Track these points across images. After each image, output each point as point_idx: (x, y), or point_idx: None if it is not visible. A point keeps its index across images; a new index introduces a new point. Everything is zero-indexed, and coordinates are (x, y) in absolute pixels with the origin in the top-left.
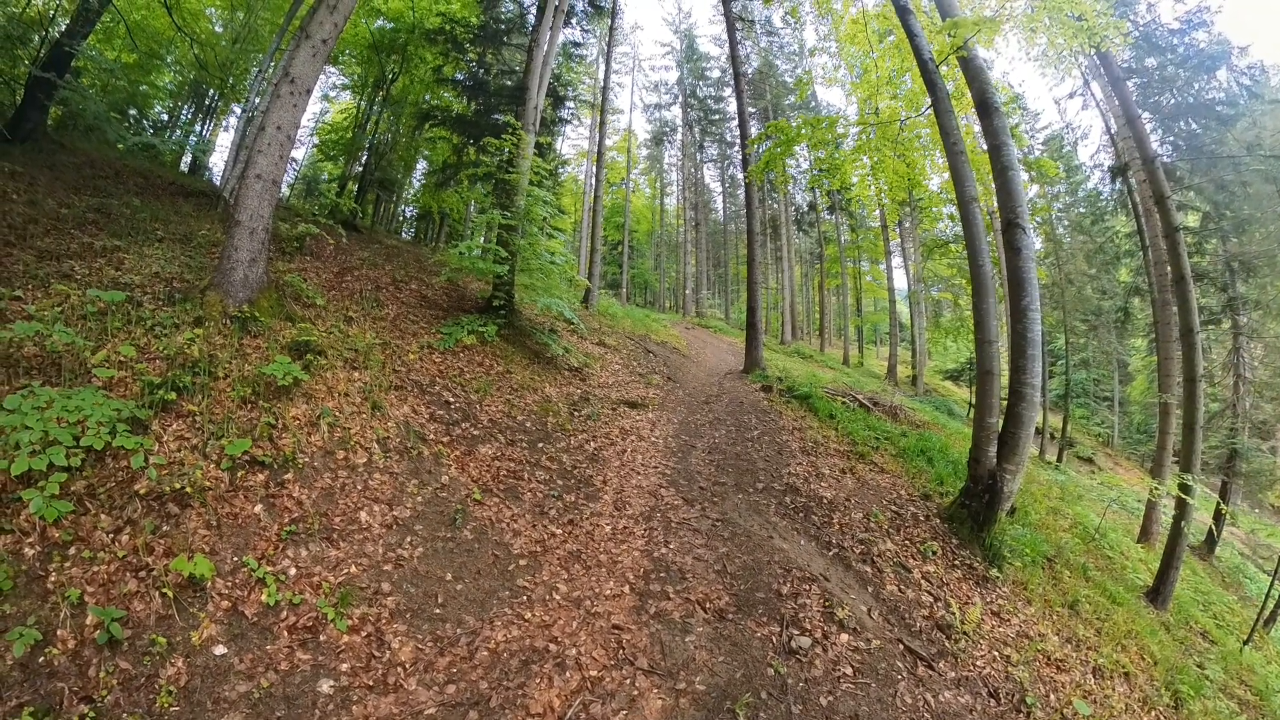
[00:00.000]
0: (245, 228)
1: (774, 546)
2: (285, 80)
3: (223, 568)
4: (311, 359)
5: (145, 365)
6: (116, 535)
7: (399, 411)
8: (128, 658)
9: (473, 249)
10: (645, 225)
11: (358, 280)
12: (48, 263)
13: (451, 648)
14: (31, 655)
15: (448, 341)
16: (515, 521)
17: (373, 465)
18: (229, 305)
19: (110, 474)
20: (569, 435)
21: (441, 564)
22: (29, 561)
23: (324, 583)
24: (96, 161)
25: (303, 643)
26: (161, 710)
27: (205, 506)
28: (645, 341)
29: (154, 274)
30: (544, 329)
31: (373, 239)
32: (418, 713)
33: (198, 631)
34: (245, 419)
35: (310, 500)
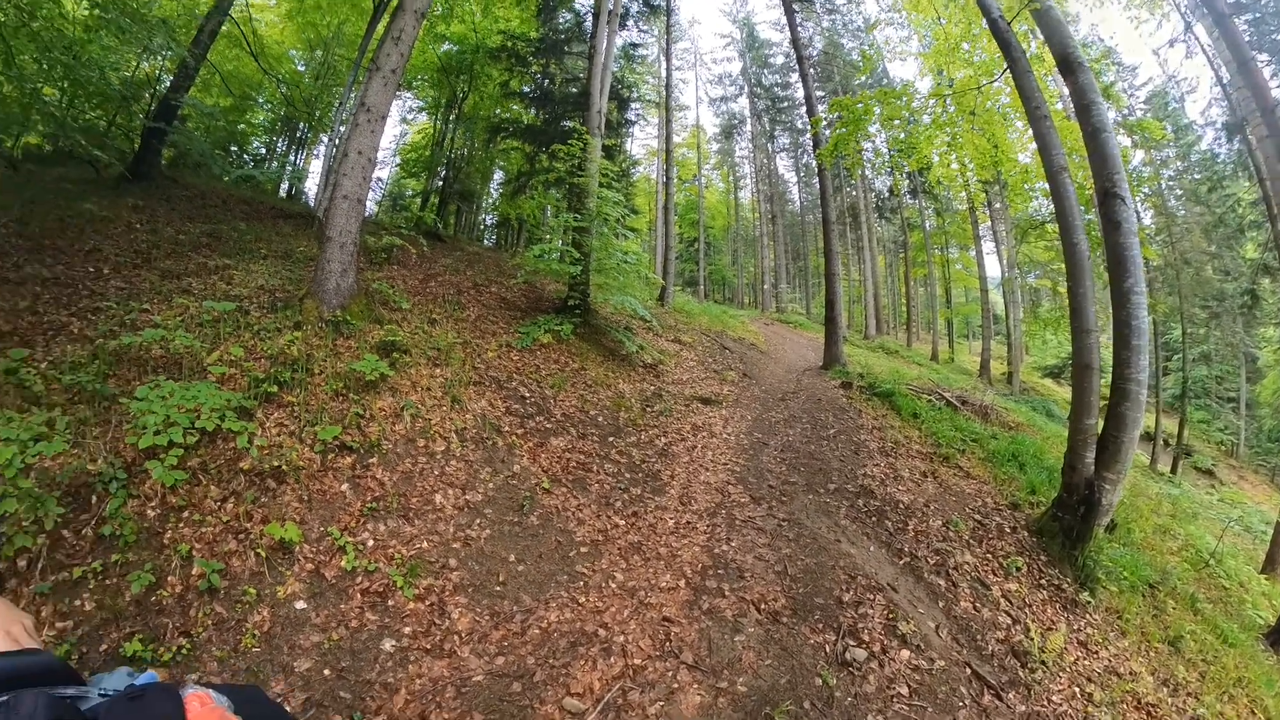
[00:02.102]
0: (336, 242)
1: (840, 551)
2: (362, 109)
3: (310, 535)
4: (397, 357)
5: (252, 363)
6: (222, 503)
7: (477, 405)
8: (223, 604)
9: (548, 251)
10: (720, 220)
11: (441, 285)
12: (170, 280)
13: (506, 623)
14: (145, 595)
15: (525, 340)
16: (580, 511)
17: (450, 453)
18: (324, 311)
19: (220, 452)
20: (640, 430)
21: (506, 546)
22: (150, 520)
23: (397, 555)
24: (206, 193)
25: (372, 605)
26: (245, 649)
27: (299, 483)
28: (721, 338)
29: (259, 286)
30: (619, 326)
31: (455, 247)
32: (466, 678)
33: (283, 587)
34: (337, 409)
35: (391, 482)
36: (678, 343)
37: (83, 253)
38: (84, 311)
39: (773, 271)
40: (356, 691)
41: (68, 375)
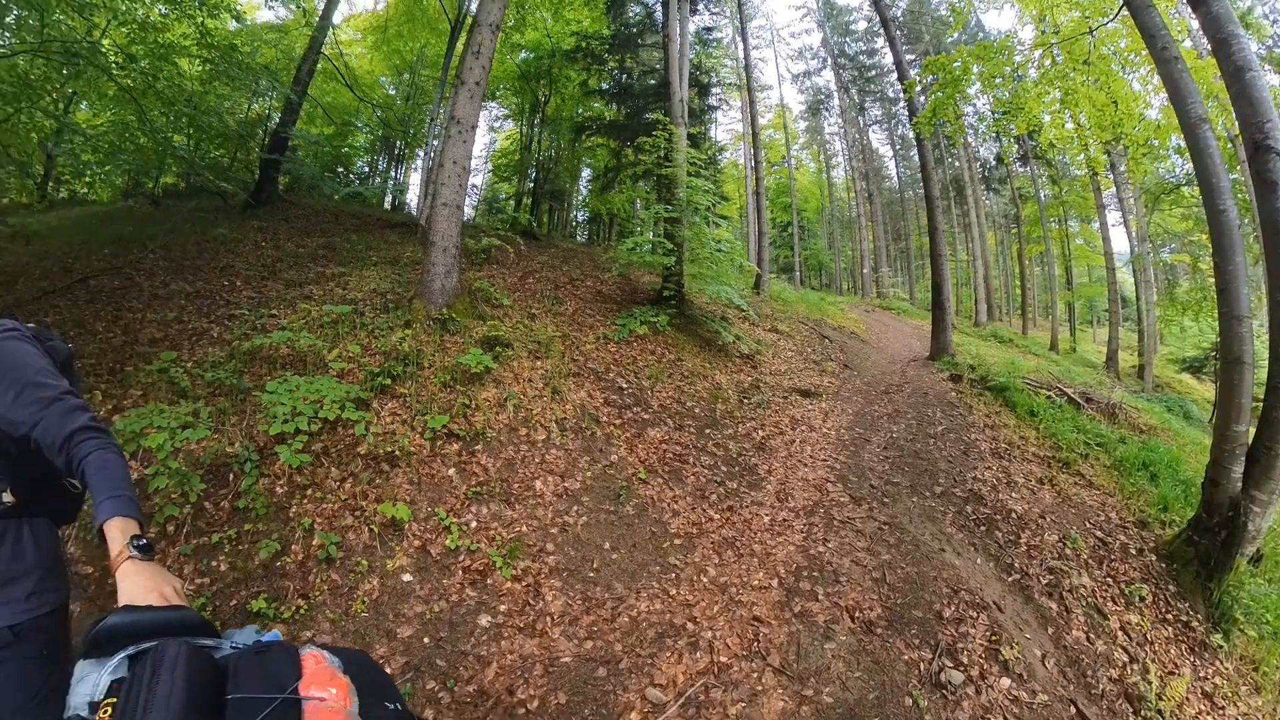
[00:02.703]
0: (439, 247)
1: (944, 561)
2: (452, 122)
3: (418, 515)
4: (500, 351)
5: (368, 359)
6: (341, 483)
7: (576, 396)
8: (338, 572)
9: (640, 244)
10: (814, 203)
11: (538, 282)
12: (293, 289)
13: (597, 609)
14: (271, 560)
15: (622, 332)
16: (676, 503)
17: (550, 442)
18: (431, 310)
19: (340, 439)
20: (737, 422)
21: (601, 534)
22: (278, 497)
23: (497, 536)
24: (319, 211)
25: (472, 582)
26: (355, 614)
27: (409, 467)
28: (820, 326)
29: (372, 290)
30: (715, 317)
31: (550, 244)
32: (554, 658)
33: (392, 561)
34: (445, 400)
35: (494, 468)
36: (775, 332)
37: (218, 270)
38: (222, 319)
39: (872, 254)
40: (451, 661)
41: (210, 373)
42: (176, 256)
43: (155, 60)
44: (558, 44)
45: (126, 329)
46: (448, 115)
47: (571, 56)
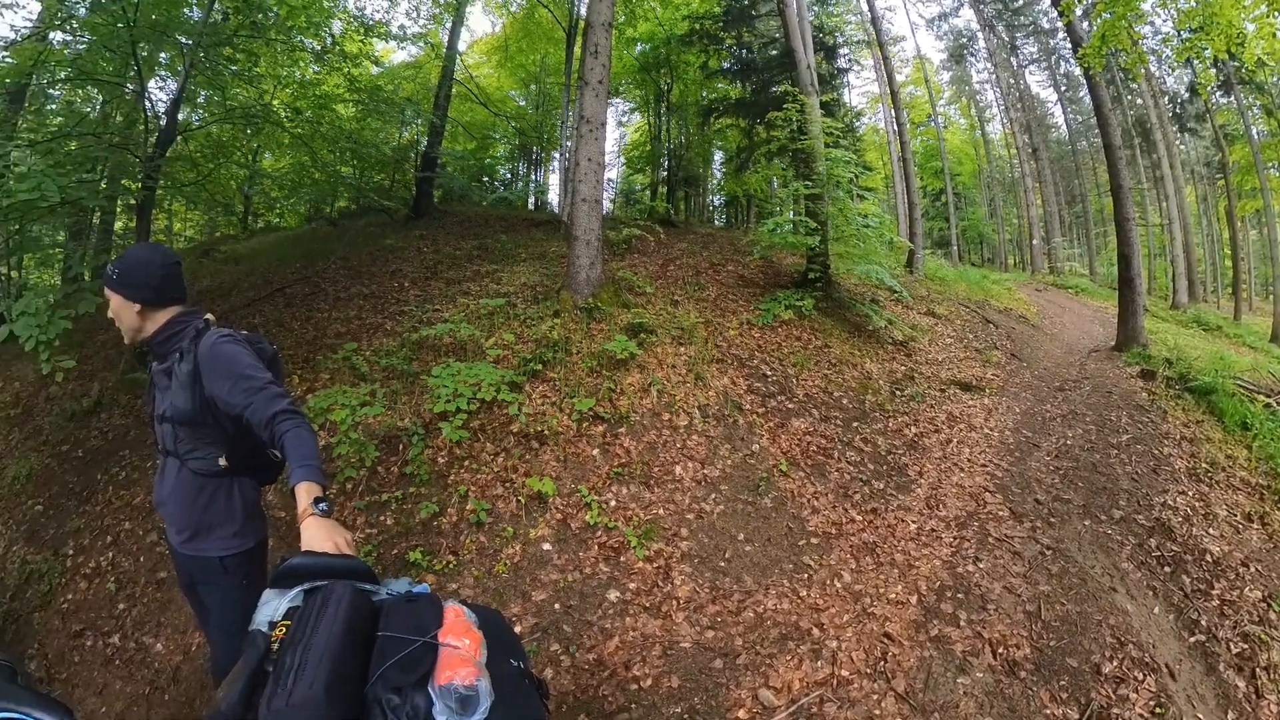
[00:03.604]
0: (581, 240)
1: (1113, 604)
2: (582, 122)
3: (562, 490)
4: (644, 337)
5: (520, 346)
6: (495, 457)
7: (719, 382)
8: (486, 535)
9: (781, 224)
10: (968, 165)
11: (679, 268)
12: (453, 286)
13: (724, 599)
14: (429, 520)
15: (765, 317)
16: (816, 499)
17: (692, 428)
18: (577, 300)
19: (495, 418)
20: (887, 416)
21: (737, 524)
22: (439, 466)
23: (634, 517)
24: (471, 217)
25: (606, 558)
26: (496, 574)
27: (557, 446)
28: (984, 309)
29: (523, 284)
30: (864, 299)
31: (688, 231)
32: (674, 642)
33: (535, 530)
34: (591, 384)
35: (636, 451)
36: (931, 316)
37: (388, 274)
38: (393, 314)
39: (1041, 222)
40: (577, 629)
41: (384, 360)
42: (353, 265)
43: (317, 110)
44: (671, 30)
45: (316, 326)
46: (577, 116)
47: (687, 40)
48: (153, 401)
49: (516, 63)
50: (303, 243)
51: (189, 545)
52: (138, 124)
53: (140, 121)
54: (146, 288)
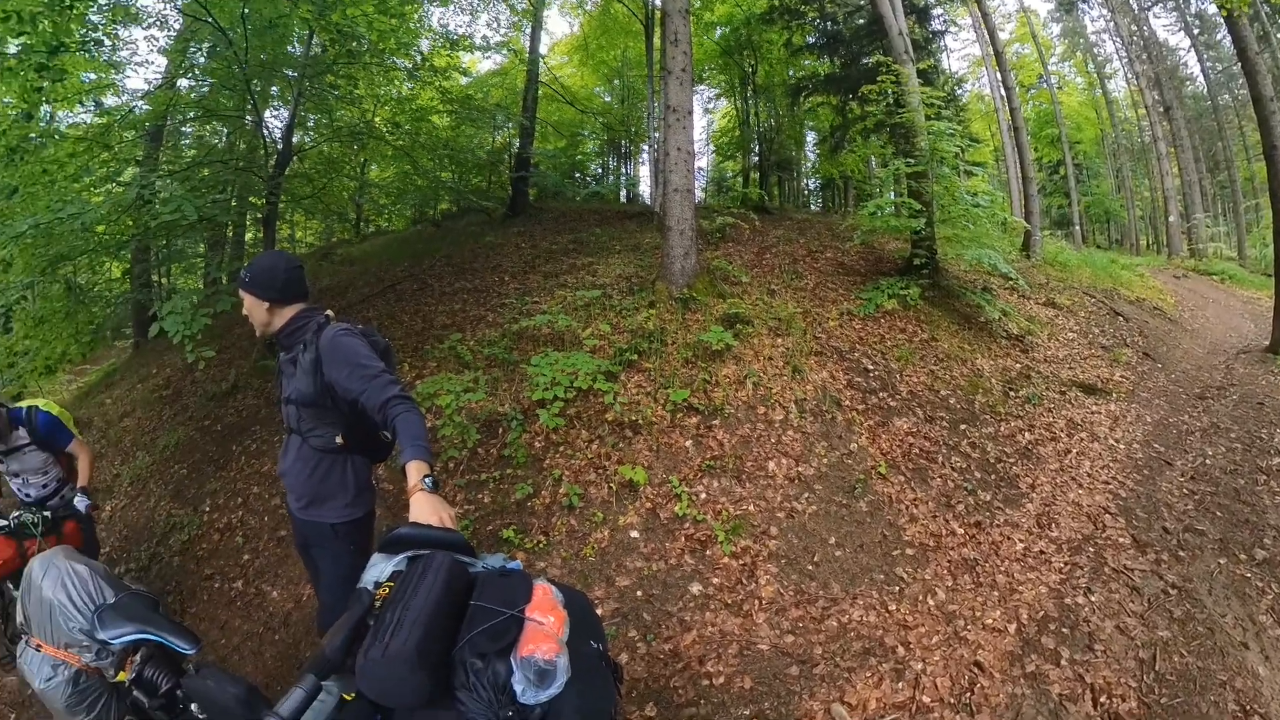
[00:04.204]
0: (675, 230)
1: (1242, 664)
2: (669, 111)
3: (653, 480)
4: (740, 328)
5: (616, 337)
6: (589, 444)
7: (817, 376)
8: (576, 519)
9: (882, 207)
10: (1089, 131)
11: (776, 256)
12: (550, 279)
13: (807, 604)
14: (523, 500)
15: (867, 307)
16: (915, 506)
17: (787, 423)
18: (672, 290)
19: (590, 406)
20: (999, 420)
21: (828, 527)
22: (536, 450)
23: (724, 511)
24: (565, 213)
25: (692, 550)
26: (584, 557)
27: (650, 435)
28: (1111, 299)
29: (618, 275)
30: (975, 288)
31: (783, 217)
32: (752, 642)
33: (624, 517)
34: (686, 375)
35: (729, 444)
36: (1051, 306)
37: (489, 269)
38: (494, 307)
39: (1178, 195)
40: (656, 618)
41: (486, 349)
42: (457, 262)
43: (415, 122)
44: (750, 10)
45: (424, 319)
46: (663, 106)
47: (767, 18)
48: (280, 386)
49: (598, 59)
50: (410, 244)
51: (306, 512)
52: (258, 149)
53: (260, 147)
54: (273, 288)
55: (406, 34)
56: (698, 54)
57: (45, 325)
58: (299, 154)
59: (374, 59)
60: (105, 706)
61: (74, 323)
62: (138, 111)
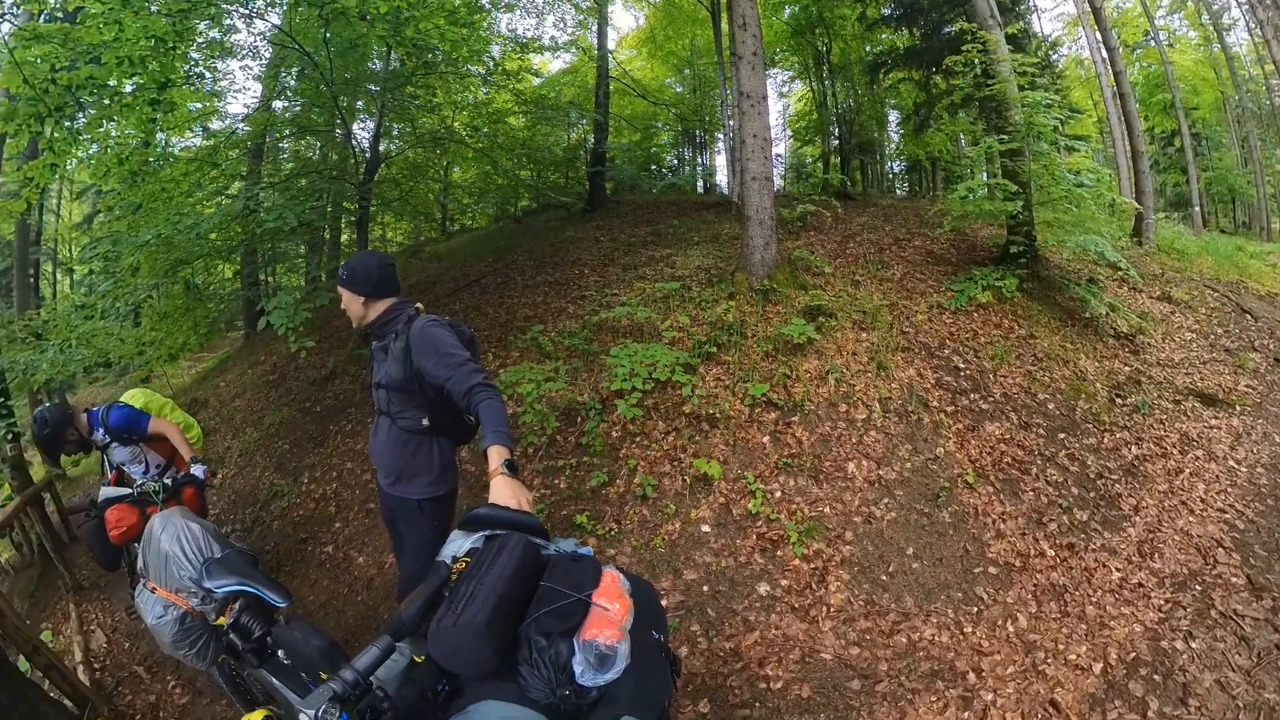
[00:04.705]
0: (754, 220)
1: None
2: (743, 98)
3: (728, 475)
4: (823, 321)
5: (695, 329)
6: (665, 436)
7: (904, 374)
8: (649, 509)
9: (974, 189)
10: (1207, 94)
11: (860, 245)
12: (629, 271)
13: (877, 616)
14: (598, 488)
15: (959, 300)
16: (1003, 521)
17: (870, 423)
18: (752, 281)
19: (668, 398)
20: (1103, 430)
21: (907, 536)
22: (612, 440)
23: (798, 512)
24: (643, 206)
25: (763, 550)
26: (653, 547)
27: (727, 430)
28: (1238, 293)
29: (697, 267)
30: (1079, 279)
31: (867, 203)
32: (815, 650)
33: (696, 511)
34: (766, 369)
35: (808, 442)
36: (1166, 301)
37: (569, 262)
38: (575, 299)
39: None
40: (720, 615)
41: (567, 340)
42: (538, 256)
43: (492, 125)
44: None
45: (507, 310)
46: (735, 93)
47: None
48: (373, 372)
49: (666, 50)
50: (493, 240)
51: (393, 488)
52: (349, 159)
53: (351, 156)
54: (368, 284)
55: (477, 41)
56: (768, 36)
57: (168, 320)
58: (386, 161)
59: (449, 68)
60: (204, 645)
61: (193, 317)
62: (240, 132)
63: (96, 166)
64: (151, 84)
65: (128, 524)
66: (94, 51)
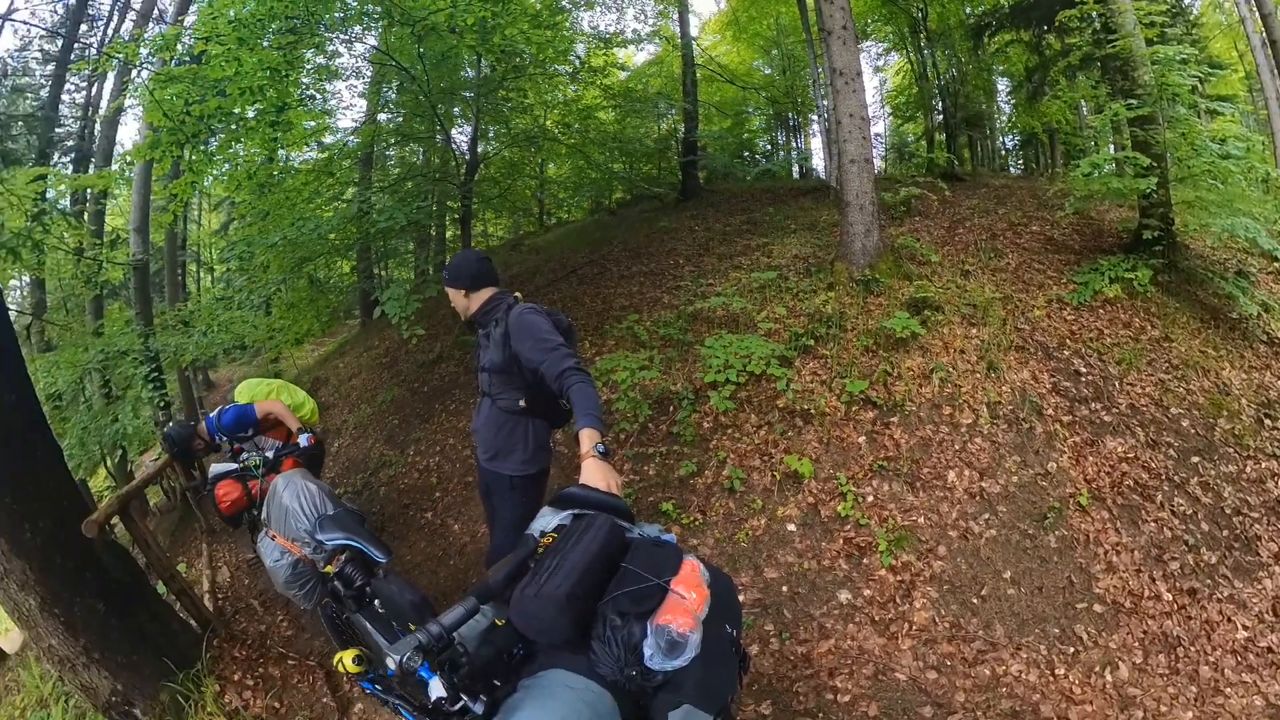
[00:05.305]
0: (854, 205)
1: None
2: (835, 75)
3: (819, 474)
4: (928, 314)
5: (792, 320)
6: (757, 430)
7: (1017, 376)
8: (735, 502)
9: (1099, 164)
10: None
11: (970, 231)
12: (724, 261)
13: (962, 642)
14: (685, 477)
15: (1082, 293)
16: (1116, 554)
17: (976, 429)
18: (853, 271)
19: (761, 391)
20: (1245, 457)
21: (1006, 558)
22: (703, 430)
23: (890, 519)
24: (737, 194)
25: (848, 555)
26: (736, 541)
27: (821, 427)
28: None
29: (794, 256)
30: (1225, 271)
31: (977, 183)
32: (890, 668)
33: (783, 508)
34: (865, 365)
35: (906, 445)
36: None
37: (664, 253)
38: (670, 289)
39: None
40: (796, 618)
41: (662, 329)
42: (633, 247)
43: (582, 121)
44: None
45: (603, 300)
46: (827, 70)
47: None
48: (477, 357)
49: (751, 32)
50: (589, 232)
51: (490, 463)
52: (449, 161)
53: (451, 159)
54: (466, 278)
55: (561, 42)
56: (857, 6)
57: (294, 309)
58: (485, 161)
59: (536, 69)
60: (312, 588)
61: (315, 307)
62: (350, 144)
63: (229, 181)
64: (270, 108)
65: (232, 497)
66: (219, 85)
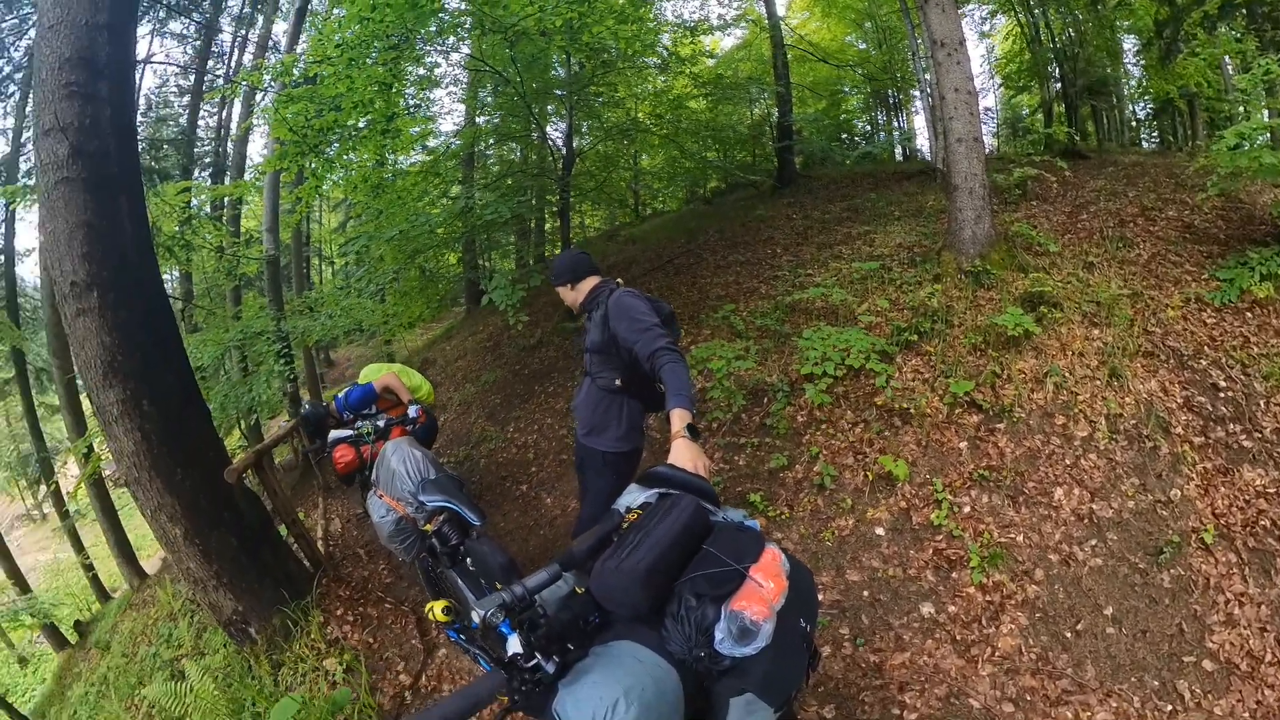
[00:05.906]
0: (962, 189)
1: None
2: (936, 47)
3: (914, 478)
4: (1045, 311)
5: (895, 314)
6: (852, 426)
7: (1143, 386)
8: (824, 499)
9: (1248, 135)
10: None
11: (1094, 217)
12: (824, 250)
13: (1047, 677)
14: (775, 470)
15: (1226, 292)
16: (1239, 604)
17: (1091, 443)
18: (961, 262)
19: (860, 386)
20: None
21: (1110, 592)
22: (797, 424)
23: (986, 533)
24: (836, 179)
25: (937, 567)
26: (821, 539)
27: (920, 428)
28: None
29: (898, 244)
30: None
31: (1103, 161)
32: (964, 692)
33: (873, 510)
34: (972, 364)
35: (1011, 455)
36: None
37: (761, 242)
38: (767, 279)
39: None
40: (874, 625)
41: (758, 320)
42: (729, 236)
43: (674, 111)
44: None
45: (700, 290)
46: (927, 41)
47: None
48: (582, 339)
49: (841, 5)
50: (684, 222)
51: (586, 439)
52: (546, 157)
53: (548, 155)
54: (568, 272)
55: (647, 35)
56: None
57: (407, 297)
58: (580, 156)
59: (625, 64)
60: (412, 543)
61: (425, 295)
62: (453, 146)
63: (346, 185)
64: (380, 119)
65: (346, 460)
66: (334, 101)
